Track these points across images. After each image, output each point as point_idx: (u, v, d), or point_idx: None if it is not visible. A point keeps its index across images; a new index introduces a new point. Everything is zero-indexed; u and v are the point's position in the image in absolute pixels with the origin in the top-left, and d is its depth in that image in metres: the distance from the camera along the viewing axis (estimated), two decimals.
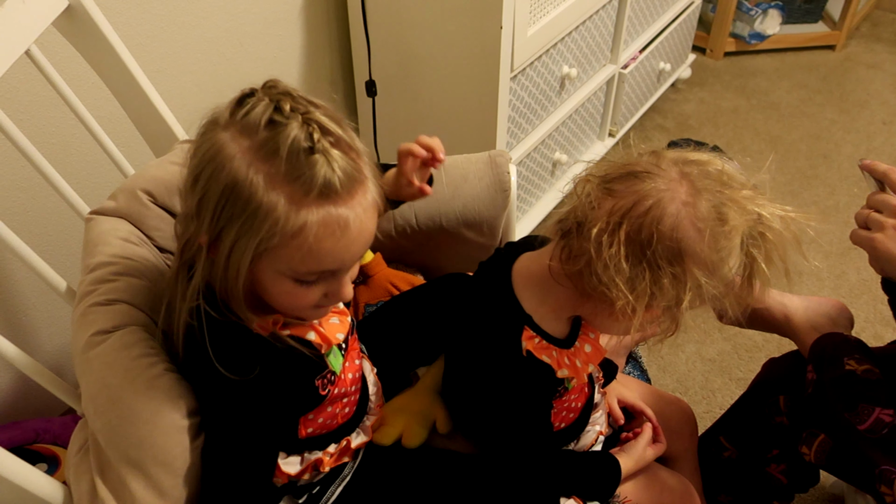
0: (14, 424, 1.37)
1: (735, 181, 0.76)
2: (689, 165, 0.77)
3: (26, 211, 1.32)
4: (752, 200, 0.75)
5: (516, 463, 0.87)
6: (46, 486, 0.79)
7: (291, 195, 0.66)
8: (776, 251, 0.76)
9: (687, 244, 0.72)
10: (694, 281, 0.73)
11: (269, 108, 0.67)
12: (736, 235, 0.73)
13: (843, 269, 2.05)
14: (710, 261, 0.73)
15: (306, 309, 0.76)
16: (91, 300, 0.83)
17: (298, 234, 0.66)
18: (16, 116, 1.23)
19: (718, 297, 0.75)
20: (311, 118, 0.67)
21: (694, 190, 0.74)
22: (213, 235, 0.69)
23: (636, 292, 0.73)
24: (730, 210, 0.73)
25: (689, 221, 0.72)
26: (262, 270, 0.71)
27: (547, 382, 0.84)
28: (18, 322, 1.42)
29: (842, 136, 2.55)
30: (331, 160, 0.66)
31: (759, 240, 0.75)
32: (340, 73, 1.90)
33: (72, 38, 1.00)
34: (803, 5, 2.97)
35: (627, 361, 1.25)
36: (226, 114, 0.69)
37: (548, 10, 1.61)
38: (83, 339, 0.80)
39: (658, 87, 2.52)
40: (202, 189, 0.68)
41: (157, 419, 0.74)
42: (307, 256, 0.68)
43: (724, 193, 0.74)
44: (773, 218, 0.75)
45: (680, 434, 1.10)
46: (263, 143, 0.66)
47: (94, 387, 0.77)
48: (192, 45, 1.48)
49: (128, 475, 0.74)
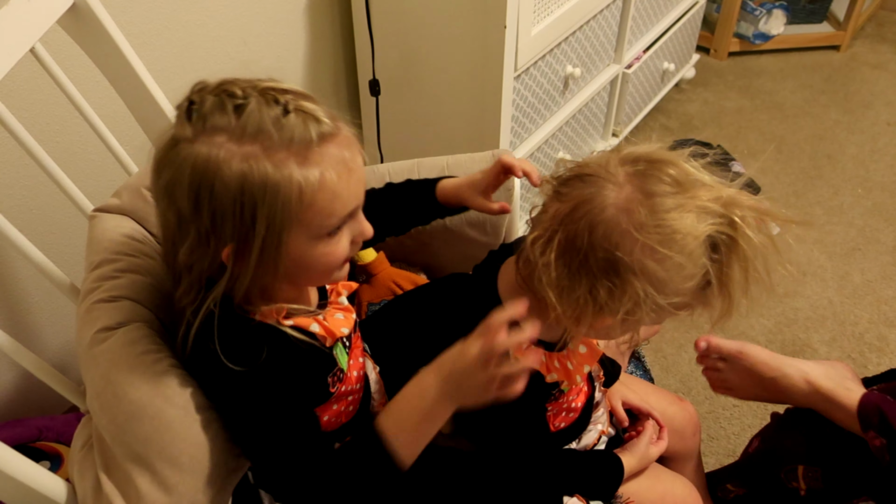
0: (17, 422, 1.37)
1: (699, 182, 0.71)
2: (641, 165, 0.71)
3: (31, 209, 1.32)
4: (722, 203, 0.70)
5: (516, 464, 0.87)
6: (50, 484, 0.79)
7: (297, 157, 0.67)
8: (754, 260, 0.71)
9: (622, 254, 0.67)
10: (634, 293, 0.68)
11: (223, 101, 0.67)
12: (691, 242, 0.68)
13: (846, 269, 2.04)
14: (653, 271, 0.68)
15: (340, 265, 0.77)
16: (95, 297, 0.83)
17: (320, 186, 0.68)
18: (20, 114, 1.22)
19: (677, 308, 0.70)
20: (262, 88, 0.69)
21: (640, 194, 0.69)
22: (240, 242, 0.69)
23: (572, 301, 0.70)
24: (683, 215, 0.67)
25: (626, 228, 0.67)
26: (296, 246, 0.71)
27: (538, 388, 0.83)
28: (22, 320, 1.42)
29: (846, 137, 2.54)
30: (307, 111, 0.68)
31: (730, 246, 0.70)
32: (344, 71, 1.90)
33: (76, 37, 1.00)
34: (808, 5, 2.96)
35: (630, 361, 1.25)
36: (184, 131, 0.68)
37: (552, 10, 1.61)
38: (88, 336, 0.80)
39: (662, 87, 2.52)
40: (210, 207, 0.67)
41: (163, 415, 0.74)
42: (334, 203, 0.70)
43: (681, 196, 0.69)
44: (750, 223, 0.70)
45: (683, 434, 1.09)
46: (241, 129, 0.66)
47: (99, 383, 0.77)
48: (197, 43, 1.48)
49: (133, 471, 0.74)
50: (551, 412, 0.88)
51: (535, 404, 0.85)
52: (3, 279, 1.35)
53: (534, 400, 0.84)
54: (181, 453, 0.74)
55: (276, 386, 0.75)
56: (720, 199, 0.70)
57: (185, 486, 0.74)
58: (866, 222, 2.20)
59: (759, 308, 0.80)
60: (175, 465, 0.74)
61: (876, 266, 2.05)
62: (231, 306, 0.75)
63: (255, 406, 0.74)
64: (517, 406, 0.83)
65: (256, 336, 0.75)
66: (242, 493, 0.88)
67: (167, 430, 0.74)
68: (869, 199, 2.28)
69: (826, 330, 1.87)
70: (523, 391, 0.70)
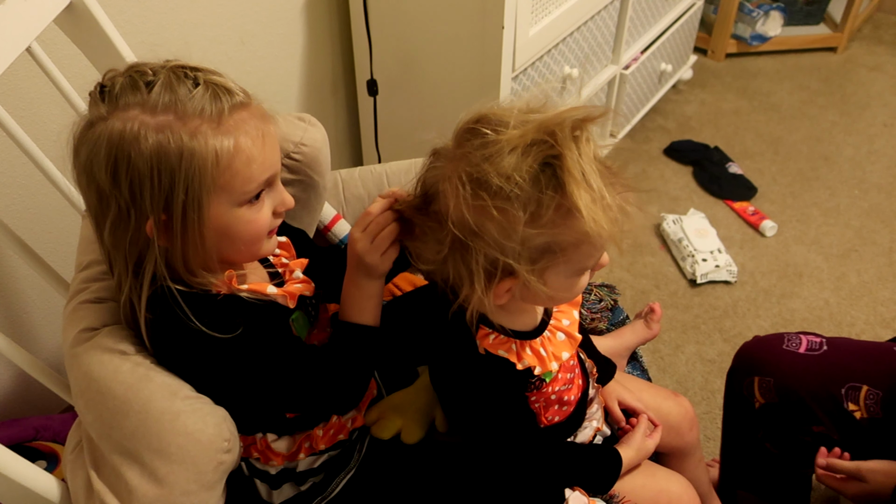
0: (14, 422, 1.37)
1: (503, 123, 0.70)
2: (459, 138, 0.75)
3: (27, 209, 1.32)
4: (535, 131, 0.68)
5: (509, 458, 0.87)
6: (45, 483, 0.79)
7: (211, 125, 0.70)
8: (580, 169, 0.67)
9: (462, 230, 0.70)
10: (488, 241, 0.70)
11: (135, 79, 0.70)
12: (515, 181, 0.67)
13: (843, 270, 2.04)
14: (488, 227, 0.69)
15: (264, 236, 0.80)
16: (81, 297, 0.85)
17: (236, 151, 0.71)
18: (17, 113, 1.23)
19: (544, 251, 0.71)
20: (172, 66, 0.72)
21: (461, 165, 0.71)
22: (159, 212, 0.71)
23: (455, 275, 0.74)
24: (501, 162, 0.67)
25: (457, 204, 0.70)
26: (219, 215, 0.74)
27: (511, 377, 0.84)
28: (19, 320, 1.42)
29: (843, 139, 2.55)
30: (217, 83, 0.72)
31: (555, 167, 0.67)
32: (342, 71, 1.90)
33: (73, 35, 1.00)
34: (805, 7, 2.97)
35: (629, 361, 1.25)
36: (98, 110, 0.70)
37: (550, 11, 1.61)
38: (71, 336, 0.81)
39: (659, 88, 2.52)
40: (128, 176, 0.69)
41: (149, 408, 0.74)
42: (251, 167, 0.73)
43: (492, 147, 0.69)
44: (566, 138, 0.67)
45: (679, 430, 1.09)
46: (154, 102, 0.69)
47: (83, 381, 0.78)
48: (194, 42, 1.48)
49: (122, 465, 0.74)
50: (538, 403, 0.88)
51: (511, 393, 0.85)
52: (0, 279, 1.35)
53: (509, 389, 0.85)
54: (169, 444, 0.74)
55: (258, 345, 0.78)
56: (526, 130, 0.69)
57: (176, 476, 0.74)
58: (863, 223, 2.20)
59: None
60: (164, 456, 0.74)
61: (872, 267, 2.06)
62: (192, 284, 0.78)
63: (242, 368, 0.78)
64: (496, 396, 0.84)
65: (228, 305, 0.78)
66: (237, 485, 0.88)
67: (154, 422, 0.74)
68: (865, 201, 2.29)
69: (822, 331, 1.87)
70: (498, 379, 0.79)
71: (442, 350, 0.87)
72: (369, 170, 1.28)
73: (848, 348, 1.11)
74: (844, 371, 1.06)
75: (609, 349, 1.17)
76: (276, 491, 0.89)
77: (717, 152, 2.45)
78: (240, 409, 0.82)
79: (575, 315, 0.91)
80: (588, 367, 1.01)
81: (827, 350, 1.10)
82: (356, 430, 0.93)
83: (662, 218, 2.17)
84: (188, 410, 0.76)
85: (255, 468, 0.89)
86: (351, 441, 0.92)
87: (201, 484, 0.76)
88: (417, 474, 0.92)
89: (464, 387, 0.85)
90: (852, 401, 1.04)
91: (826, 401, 1.05)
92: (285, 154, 1.03)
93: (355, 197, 1.25)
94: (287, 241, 0.93)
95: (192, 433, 0.75)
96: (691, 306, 1.94)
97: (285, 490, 0.89)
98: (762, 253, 2.10)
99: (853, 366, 1.07)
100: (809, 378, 1.08)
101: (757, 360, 1.15)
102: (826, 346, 1.11)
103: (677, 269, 2.06)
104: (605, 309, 1.27)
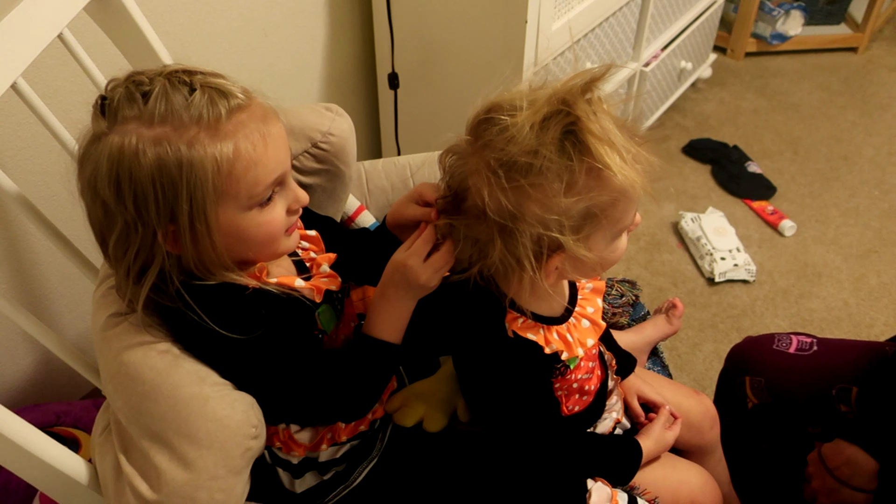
0: (35, 407, 1.38)
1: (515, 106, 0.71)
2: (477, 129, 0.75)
3: (53, 195, 1.33)
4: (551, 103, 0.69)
5: (532, 446, 0.87)
6: (73, 464, 0.80)
7: (208, 132, 0.69)
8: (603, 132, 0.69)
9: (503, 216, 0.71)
10: (530, 221, 0.70)
11: (131, 91, 0.70)
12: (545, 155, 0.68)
13: (862, 271, 2.03)
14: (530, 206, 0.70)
15: (281, 236, 0.79)
16: (111, 282, 0.85)
17: (236, 156, 0.70)
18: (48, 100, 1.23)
19: (586, 217, 0.72)
20: (169, 72, 0.71)
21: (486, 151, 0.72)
22: (166, 223, 0.71)
23: (502, 264, 0.74)
24: (521, 138, 0.68)
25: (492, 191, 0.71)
26: (229, 221, 0.74)
27: (539, 360, 0.84)
28: (41, 305, 1.43)
29: (863, 139, 2.53)
30: (214, 86, 0.71)
31: (577, 134, 0.68)
32: (363, 64, 1.90)
33: (102, 24, 1.01)
34: (826, 7, 2.95)
35: (649, 357, 1.25)
36: (100, 125, 0.70)
37: (573, 6, 1.61)
38: (101, 320, 0.82)
39: (679, 85, 2.51)
40: (131, 191, 0.69)
41: (178, 392, 0.75)
42: (254, 171, 0.72)
43: (512, 130, 0.70)
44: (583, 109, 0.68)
45: (700, 428, 1.09)
46: (150, 114, 0.69)
47: (113, 365, 0.78)
48: (218, 33, 1.49)
49: (151, 450, 0.75)
50: (561, 391, 0.89)
51: (538, 378, 0.86)
52: (24, 265, 1.36)
53: (536, 373, 0.85)
54: (198, 429, 0.75)
55: (275, 350, 0.78)
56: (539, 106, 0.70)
57: (204, 461, 0.74)
58: (883, 224, 2.19)
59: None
60: (193, 441, 0.74)
61: (892, 268, 2.04)
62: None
63: (256, 371, 0.78)
64: (523, 380, 0.85)
65: (251, 302, 0.78)
66: (260, 472, 0.88)
67: (183, 407, 0.75)
68: (885, 202, 2.27)
69: (841, 331, 1.86)
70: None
71: (469, 335, 0.87)
72: (392, 161, 1.28)
73: (839, 349, 1.10)
74: (835, 372, 1.06)
75: (630, 344, 1.17)
76: (299, 480, 0.89)
77: (735, 151, 2.44)
78: (260, 401, 0.82)
79: (599, 303, 0.91)
80: (607, 358, 1.01)
81: (817, 350, 1.10)
82: (377, 420, 0.94)
83: (681, 216, 2.16)
84: (217, 396, 0.76)
85: (277, 457, 0.90)
86: (373, 430, 0.93)
87: (229, 469, 0.76)
88: (439, 463, 0.92)
89: (491, 371, 0.85)
90: (844, 402, 1.04)
91: (818, 401, 1.05)
92: (312, 143, 1.03)
93: (379, 188, 1.26)
94: (317, 236, 0.92)
95: (221, 419, 0.75)
96: (709, 305, 1.94)
97: (307, 479, 0.90)
98: (781, 252, 2.09)
99: (844, 367, 1.06)
100: (800, 378, 1.07)
101: (748, 360, 1.14)
102: (817, 347, 1.10)
103: (695, 267, 2.05)
104: (627, 304, 1.27)
